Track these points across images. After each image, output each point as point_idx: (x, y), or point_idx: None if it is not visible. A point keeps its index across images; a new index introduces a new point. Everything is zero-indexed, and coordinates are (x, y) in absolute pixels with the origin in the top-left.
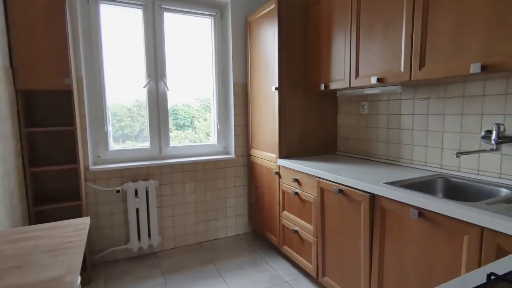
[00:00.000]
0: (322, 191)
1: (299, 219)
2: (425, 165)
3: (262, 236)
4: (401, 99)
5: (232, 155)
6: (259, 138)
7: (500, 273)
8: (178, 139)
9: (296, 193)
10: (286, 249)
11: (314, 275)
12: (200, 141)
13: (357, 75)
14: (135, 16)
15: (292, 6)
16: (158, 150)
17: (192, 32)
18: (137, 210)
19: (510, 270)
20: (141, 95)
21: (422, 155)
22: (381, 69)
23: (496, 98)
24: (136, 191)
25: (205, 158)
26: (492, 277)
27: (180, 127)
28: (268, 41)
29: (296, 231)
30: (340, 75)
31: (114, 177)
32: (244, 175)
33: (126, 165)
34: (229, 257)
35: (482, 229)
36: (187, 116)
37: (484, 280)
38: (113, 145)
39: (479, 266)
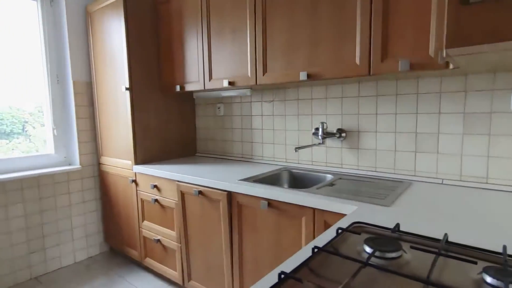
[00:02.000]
0: (182, 194)
1: (161, 227)
2: (274, 160)
3: (121, 253)
4: (251, 102)
5: (77, 166)
6: (111, 144)
7: (321, 245)
8: (3, 151)
9: (156, 200)
10: (149, 261)
11: (180, 282)
12: (37, 151)
13: (210, 78)
14: None
15: (141, 0)
16: None
17: (13, 17)
18: None
19: (328, 241)
20: None
21: (271, 152)
22: (232, 73)
23: (320, 101)
24: None
25: (37, 172)
26: (315, 249)
27: (6, 135)
28: (115, 36)
29: (158, 240)
30: (195, 77)
31: None
32: (96, 187)
33: None
34: (79, 285)
35: (314, 210)
36: (16, 121)
37: (310, 253)
38: None
39: None
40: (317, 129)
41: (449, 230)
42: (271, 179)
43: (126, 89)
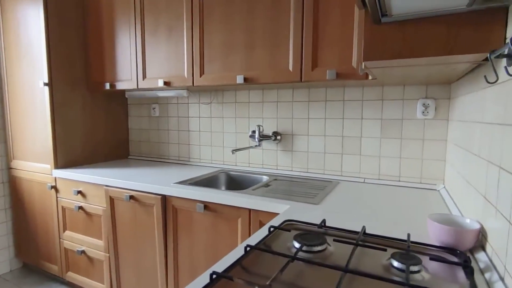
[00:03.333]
0: (111, 200)
1: (86, 237)
2: (211, 163)
3: (38, 268)
4: (188, 103)
5: None
6: (26, 145)
7: (254, 243)
8: None
9: (81, 208)
10: (72, 275)
11: None
12: None
13: (144, 77)
14: None
15: None
16: None
17: None
18: None
19: (260, 239)
20: None
21: (209, 154)
22: (168, 73)
23: (257, 105)
24: None
25: None
26: (248, 248)
27: None
28: (31, 25)
29: (83, 252)
30: (127, 75)
31: None
32: (5, 195)
33: None
34: None
35: (250, 210)
36: None
37: (243, 252)
38: None
39: None
40: (254, 131)
41: (367, 223)
42: (208, 182)
43: (45, 84)
